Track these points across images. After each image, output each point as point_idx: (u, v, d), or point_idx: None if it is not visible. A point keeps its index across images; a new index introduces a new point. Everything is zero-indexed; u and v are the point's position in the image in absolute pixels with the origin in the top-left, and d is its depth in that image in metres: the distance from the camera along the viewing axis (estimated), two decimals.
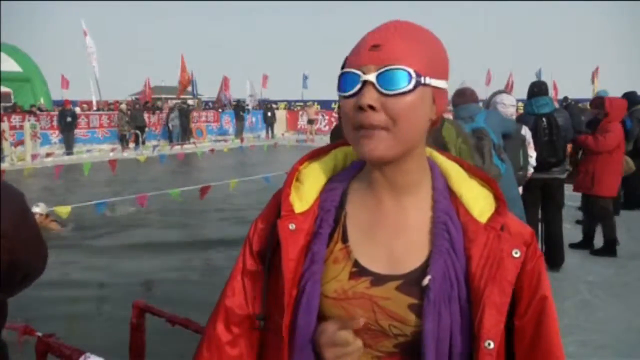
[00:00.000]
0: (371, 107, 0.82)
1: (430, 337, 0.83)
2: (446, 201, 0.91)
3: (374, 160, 0.86)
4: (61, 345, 1.78)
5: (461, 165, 0.97)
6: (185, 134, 21.44)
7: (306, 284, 0.90)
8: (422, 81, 0.83)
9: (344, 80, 0.86)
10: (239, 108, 24.83)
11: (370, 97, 0.81)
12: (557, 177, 4.94)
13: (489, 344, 0.82)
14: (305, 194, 0.96)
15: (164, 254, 6.45)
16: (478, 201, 0.90)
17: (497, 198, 0.91)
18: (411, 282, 0.87)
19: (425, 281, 0.85)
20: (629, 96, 7.24)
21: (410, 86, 0.82)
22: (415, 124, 0.84)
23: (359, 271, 0.90)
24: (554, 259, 5.10)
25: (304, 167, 1.01)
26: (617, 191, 5.64)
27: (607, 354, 3.48)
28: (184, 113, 21.59)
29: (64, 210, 5.02)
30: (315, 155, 1.03)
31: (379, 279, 0.88)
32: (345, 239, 0.93)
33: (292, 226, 0.92)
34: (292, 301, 0.90)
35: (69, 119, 17.92)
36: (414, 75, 0.82)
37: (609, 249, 5.61)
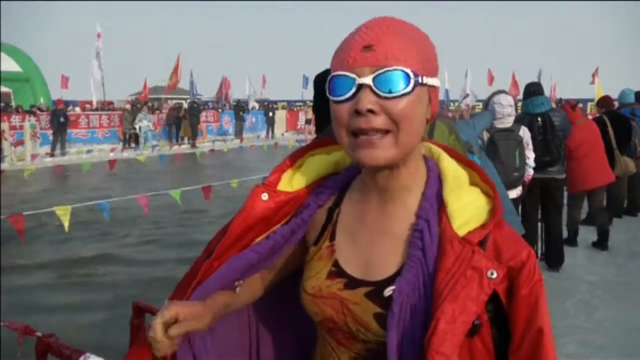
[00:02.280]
0: (371, 111, 0.78)
1: (393, 351, 0.79)
2: (431, 208, 0.85)
3: (376, 168, 0.83)
4: (61, 345, 1.78)
5: (472, 170, 0.90)
6: (194, 133, 21.43)
7: (239, 254, 0.94)
8: (420, 81, 0.80)
9: (336, 84, 0.81)
10: (239, 108, 24.83)
11: (368, 101, 0.78)
12: (555, 177, 4.94)
13: None
14: (297, 180, 0.97)
15: (164, 254, 6.45)
16: (464, 212, 0.83)
17: (493, 212, 0.83)
18: (379, 291, 0.85)
19: (387, 292, 0.83)
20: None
21: (410, 88, 0.78)
22: (416, 125, 0.82)
23: (336, 272, 0.90)
24: (554, 259, 5.10)
25: (310, 154, 1.00)
26: (578, 188, 5.71)
27: (607, 354, 3.48)
28: (194, 112, 21.56)
29: (64, 210, 5.01)
30: (327, 145, 1.01)
31: (352, 283, 0.88)
32: (333, 237, 0.93)
33: (265, 196, 0.95)
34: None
35: (61, 119, 17.69)
36: (412, 75, 0.78)
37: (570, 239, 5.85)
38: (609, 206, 6.89)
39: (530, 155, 4.44)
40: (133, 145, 19.18)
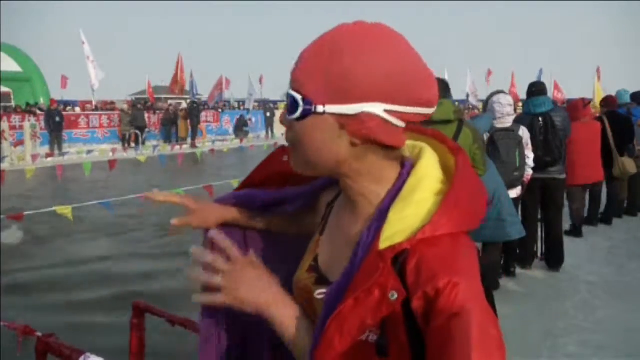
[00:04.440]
0: (285, 125, 0.83)
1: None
2: (381, 217, 0.79)
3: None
4: (61, 345, 1.78)
5: (445, 146, 0.85)
6: (195, 133, 21.43)
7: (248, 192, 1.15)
8: (312, 110, 0.76)
9: None
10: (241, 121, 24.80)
11: (283, 115, 0.82)
12: (556, 177, 4.94)
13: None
14: None
15: (164, 254, 6.45)
16: (397, 224, 0.75)
17: (422, 227, 0.73)
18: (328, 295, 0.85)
19: (317, 295, 0.86)
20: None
21: (297, 114, 0.77)
22: (316, 150, 0.79)
23: (313, 266, 0.92)
24: (554, 259, 5.10)
25: None
26: (576, 180, 5.86)
27: (607, 354, 3.48)
28: (194, 112, 21.56)
29: (64, 211, 5.01)
30: None
31: (319, 280, 0.89)
32: (322, 232, 0.96)
33: (285, 157, 1.04)
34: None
35: (57, 119, 17.68)
36: (301, 104, 0.76)
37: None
38: (609, 206, 6.90)
39: (530, 155, 4.45)
40: (133, 145, 19.17)
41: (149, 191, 1.13)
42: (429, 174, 0.81)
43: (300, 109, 0.76)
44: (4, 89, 21.85)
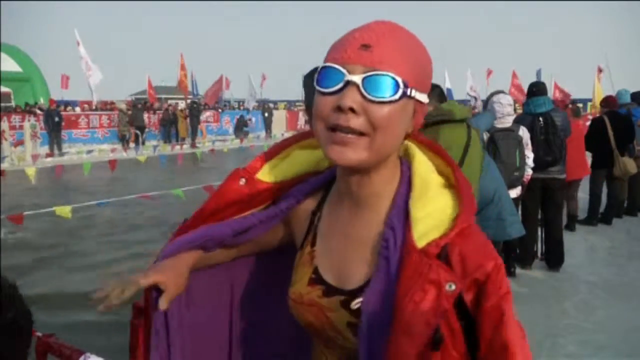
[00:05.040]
0: (352, 110, 0.75)
1: None
2: (398, 216, 0.83)
3: (344, 167, 0.81)
4: (61, 345, 1.78)
5: (439, 157, 0.88)
6: (195, 133, 21.41)
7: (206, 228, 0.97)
8: (408, 92, 0.77)
9: (325, 75, 0.78)
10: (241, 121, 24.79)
11: (352, 99, 0.75)
12: (556, 177, 4.94)
13: None
14: (278, 171, 0.95)
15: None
16: (425, 221, 0.79)
17: (455, 221, 0.79)
18: (351, 300, 0.85)
19: (355, 305, 0.83)
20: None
21: (397, 96, 0.76)
22: (393, 135, 0.79)
23: (316, 278, 0.89)
24: (554, 259, 5.10)
25: (298, 147, 0.98)
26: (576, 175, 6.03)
27: (607, 354, 3.48)
28: (194, 112, 21.54)
29: (64, 211, 5.01)
30: (313, 142, 0.98)
31: (329, 291, 0.87)
32: (314, 243, 0.92)
33: (242, 181, 0.95)
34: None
35: (56, 119, 17.61)
36: (401, 85, 0.76)
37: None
38: (609, 206, 6.89)
39: (530, 155, 4.45)
40: (132, 145, 19.16)
41: (149, 191, 1.11)
42: (427, 170, 0.85)
43: (400, 90, 0.76)
44: (4, 89, 21.84)
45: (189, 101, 23.85)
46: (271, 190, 0.97)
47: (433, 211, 0.80)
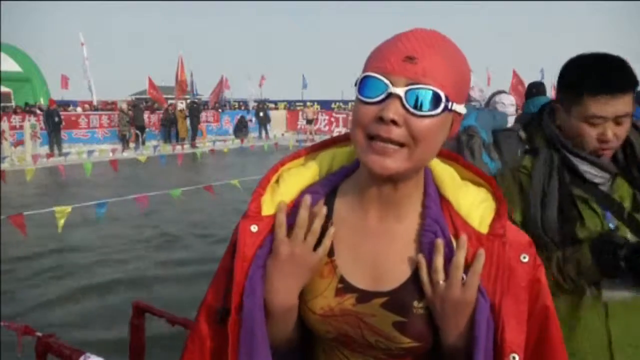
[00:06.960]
0: (394, 122, 0.76)
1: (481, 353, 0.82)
2: (437, 208, 0.87)
3: (382, 176, 0.81)
4: (61, 345, 1.78)
5: (457, 164, 0.93)
6: (195, 133, 21.42)
7: (247, 297, 0.85)
8: (449, 107, 0.79)
9: (368, 85, 0.79)
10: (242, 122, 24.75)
11: (395, 111, 0.76)
12: None
13: (514, 358, 0.81)
14: (279, 197, 0.91)
15: (164, 254, 6.45)
16: (475, 209, 0.86)
17: (497, 199, 0.88)
18: (396, 300, 0.85)
19: (416, 309, 0.85)
20: None
21: (438, 110, 0.77)
22: (432, 146, 0.81)
23: (344, 287, 0.87)
24: None
25: (286, 169, 0.95)
26: None
27: None
28: (194, 112, 21.54)
29: (64, 211, 5.01)
30: (301, 155, 0.97)
31: (364, 296, 0.86)
32: (331, 253, 0.89)
33: (254, 228, 0.89)
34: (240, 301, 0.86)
35: (56, 119, 17.51)
36: (443, 99, 0.77)
37: None
38: None
39: None
40: (132, 145, 19.16)
41: (149, 191, 1.10)
42: (445, 167, 0.92)
43: (442, 104, 0.77)
44: (4, 89, 21.86)
45: (188, 101, 23.83)
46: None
47: (474, 199, 0.88)
